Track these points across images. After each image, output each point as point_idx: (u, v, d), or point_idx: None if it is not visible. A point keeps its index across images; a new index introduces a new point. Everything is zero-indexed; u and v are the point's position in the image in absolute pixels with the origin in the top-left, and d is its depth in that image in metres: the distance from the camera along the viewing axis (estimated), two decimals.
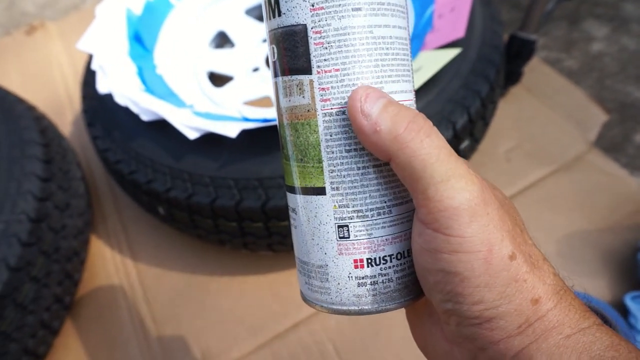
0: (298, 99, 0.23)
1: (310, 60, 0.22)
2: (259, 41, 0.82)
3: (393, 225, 0.24)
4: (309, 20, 0.22)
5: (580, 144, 0.77)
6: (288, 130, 0.24)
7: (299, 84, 0.22)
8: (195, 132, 0.54)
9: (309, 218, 0.24)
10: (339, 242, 0.24)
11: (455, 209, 0.20)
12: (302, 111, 0.23)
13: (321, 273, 0.24)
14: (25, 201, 0.58)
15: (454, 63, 0.59)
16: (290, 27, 0.22)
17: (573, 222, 0.69)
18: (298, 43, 0.22)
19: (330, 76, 0.22)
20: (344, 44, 0.21)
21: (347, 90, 0.22)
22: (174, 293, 0.68)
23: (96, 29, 0.70)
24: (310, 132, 0.23)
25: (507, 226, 0.21)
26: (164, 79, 0.70)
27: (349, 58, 0.22)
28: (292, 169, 0.24)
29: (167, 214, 0.60)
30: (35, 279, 0.57)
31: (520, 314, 0.20)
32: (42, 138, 0.66)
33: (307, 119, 0.23)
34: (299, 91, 0.22)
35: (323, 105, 0.22)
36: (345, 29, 0.21)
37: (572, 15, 1.04)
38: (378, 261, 0.23)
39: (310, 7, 0.21)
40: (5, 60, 1.10)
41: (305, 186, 0.24)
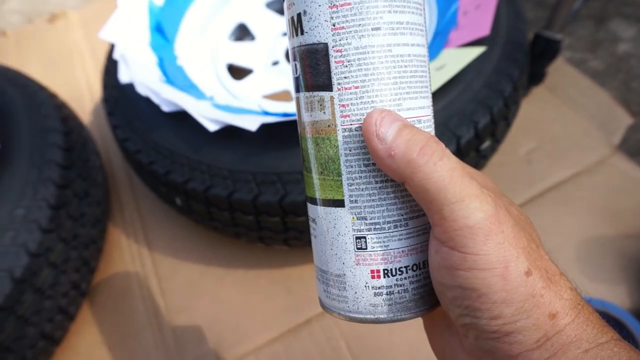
0: (319, 115, 0.23)
1: (331, 77, 0.23)
2: (279, 34, 0.82)
3: (409, 238, 0.24)
4: (330, 39, 0.22)
5: (604, 146, 0.75)
6: (309, 143, 0.25)
7: (320, 100, 0.23)
8: (215, 125, 0.54)
9: (328, 228, 0.25)
10: (356, 253, 0.24)
11: (471, 228, 0.21)
12: (323, 126, 0.23)
13: (339, 282, 0.25)
14: (45, 188, 0.59)
15: (477, 61, 0.58)
16: (313, 45, 0.23)
17: (593, 226, 0.68)
18: (320, 61, 0.23)
19: (350, 93, 0.22)
20: (364, 63, 0.22)
21: (366, 107, 0.23)
22: (188, 284, 0.68)
23: (118, 18, 0.70)
24: (330, 146, 0.24)
25: (522, 243, 0.22)
26: (184, 70, 0.70)
27: (368, 76, 0.22)
28: (313, 181, 0.25)
29: (185, 205, 0.61)
30: (54, 265, 0.58)
31: (538, 329, 0.21)
32: (63, 126, 0.67)
33: (328, 134, 0.23)
34: (320, 107, 0.23)
35: (343, 121, 0.23)
36: (365, 48, 0.22)
37: (599, 15, 1.02)
38: (394, 272, 0.24)
39: (331, 26, 0.22)
40: (27, 48, 1.12)
41: (325, 198, 0.25)
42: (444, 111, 0.56)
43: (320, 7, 0.22)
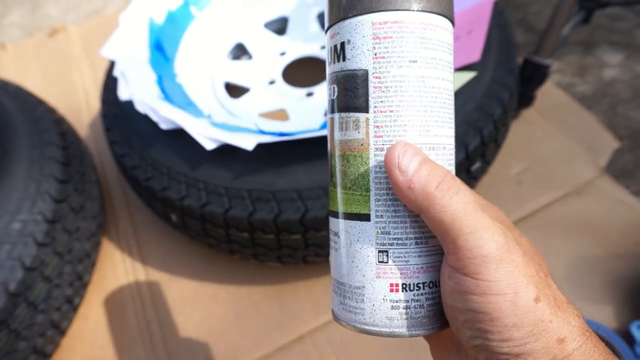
0: (353, 134, 0.25)
1: (368, 100, 0.25)
2: (276, 54, 0.84)
3: (428, 255, 0.26)
4: (370, 67, 0.25)
5: (591, 169, 0.77)
6: (340, 160, 0.26)
7: (356, 120, 0.25)
8: (212, 143, 0.55)
9: (352, 242, 0.26)
10: (377, 266, 0.26)
11: (484, 257, 0.22)
12: (356, 144, 0.25)
13: (357, 294, 0.26)
14: (43, 202, 0.59)
15: (468, 85, 0.60)
16: (354, 70, 0.25)
17: (582, 247, 0.69)
18: (359, 85, 0.25)
19: (385, 116, 0.25)
20: (400, 89, 0.24)
21: (398, 129, 0.25)
22: (181, 299, 0.68)
23: (119, 36, 0.72)
24: (361, 163, 0.25)
25: (531, 272, 0.23)
26: (183, 87, 0.71)
27: (402, 102, 0.25)
28: (340, 196, 0.27)
29: (180, 222, 0.61)
30: (48, 279, 0.58)
31: (547, 352, 0.22)
32: (62, 140, 0.68)
33: (360, 152, 0.25)
34: (355, 127, 0.25)
35: (376, 141, 0.25)
36: (402, 77, 0.24)
37: (587, 41, 1.05)
38: (412, 287, 0.25)
39: (373, 55, 0.25)
40: (26, 62, 1.13)
41: (351, 212, 0.26)
42: None
43: (364, 38, 0.25)
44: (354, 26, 0.25)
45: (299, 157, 0.56)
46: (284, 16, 0.90)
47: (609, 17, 1.09)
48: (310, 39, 0.85)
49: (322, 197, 0.54)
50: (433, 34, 0.25)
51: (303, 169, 0.55)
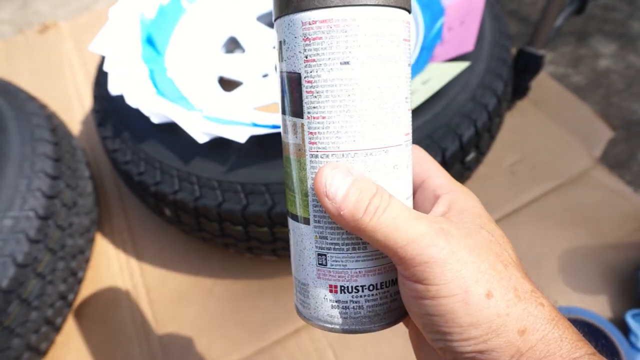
0: (293, 138, 0.25)
1: (302, 105, 0.24)
2: (269, 47, 0.83)
3: (367, 260, 0.26)
4: (302, 70, 0.23)
5: (586, 159, 0.77)
6: (287, 162, 0.26)
7: (294, 124, 0.24)
8: (205, 136, 0.55)
9: (297, 242, 0.27)
10: (317, 268, 0.26)
11: (427, 264, 0.22)
12: (296, 149, 0.25)
13: (304, 290, 0.27)
14: (34, 198, 0.59)
15: (462, 76, 0.60)
16: (289, 73, 0.24)
17: (576, 237, 0.69)
18: (294, 89, 0.24)
19: (318, 122, 0.23)
20: (331, 95, 0.23)
21: (331, 136, 0.24)
22: (176, 294, 0.68)
23: (109, 30, 0.71)
24: (300, 168, 0.25)
25: (482, 267, 0.23)
26: (174, 82, 0.70)
27: (335, 107, 0.23)
28: (288, 197, 0.27)
29: (174, 216, 0.61)
30: (41, 276, 0.58)
31: (510, 345, 0.22)
32: (53, 136, 0.67)
33: (299, 157, 0.25)
34: (294, 131, 0.24)
35: (310, 147, 0.24)
36: (333, 81, 0.23)
37: (580, 32, 1.05)
38: (350, 289, 0.26)
39: (304, 58, 0.23)
40: (17, 58, 1.12)
41: (295, 214, 0.26)
42: (429, 124, 0.57)
43: (296, 39, 0.23)
44: (287, 26, 0.24)
45: None
46: None
47: (603, 8, 1.08)
48: None
49: None
50: (370, 29, 0.22)
51: None
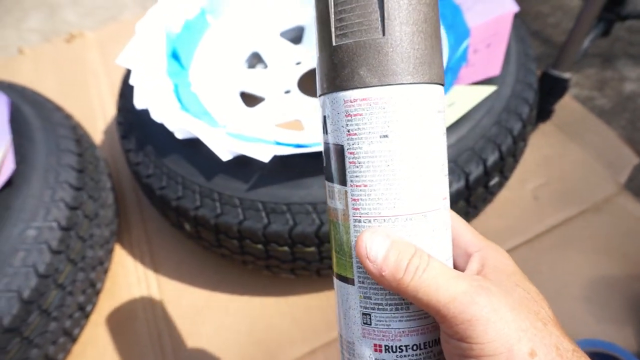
0: (337, 203, 0.27)
1: (345, 174, 0.26)
2: (292, 63, 0.84)
3: (410, 320, 0.26)
4: (345, 143, 0.25)
5: (611, 185, 0.76)
6: (332, 226, 0.28)
7: (338, 191, 0.26)
8: (228, 154, 0.55)
9: (342, 301, 0.28)
10: (362, 327, 0.27)
11: (469, 321, 0.23)
12: (339, 214, 0.27)
13: (350, 348, 0.28)
14: (57, 209, 0.60)
15: (487, 99, 0.59)
16: (334, 145, 0.26)
17: (600, 266, 0.68)
18: (338, 159, 0.26)
19: (360, 190, 0.25)
20: (372, 165, 0.25)
21: (372, 203, 0.25)
22: (193, 309, 0.68)
23: (135, 44, 0.72)
24: (345, 232, 0.26)
25: (524, 324, 0.23)
26: (198, 97, 0.71)
27: (375, 177, 0.25)
28: (334, 258, 0.28)
29: (194, 232, 0.61)
30: (62, 287, 0.58)
31: None
32: (78, 147, 0.68)
33: (344, 221, 0.26)
34: (338, 197, 0.26)
35: (354, 213, 0.26)
36: (373, 152, 0.25)
37: (606, 54, 1.04)
38: (395, 349, 0.26)
39: (347, 132, 0.25)
40: (43, 66, 1.14)
41: (340, 274, 0.28)
42: (453, 147, 0.56)
43: (339, 115, 0.25)
44: (330, 102, 0.26)
45: (314, 169, 0.56)
46: (300, 25, 0.90)
47: (628, 30, 1.07)
48: None
49: None
50: (405, 105, 0.24)
51: (318, 181, 0.55)
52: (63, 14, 1.42)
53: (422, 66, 0.24)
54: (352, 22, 0.24)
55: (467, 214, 0.62)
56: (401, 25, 0.24)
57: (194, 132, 0.57)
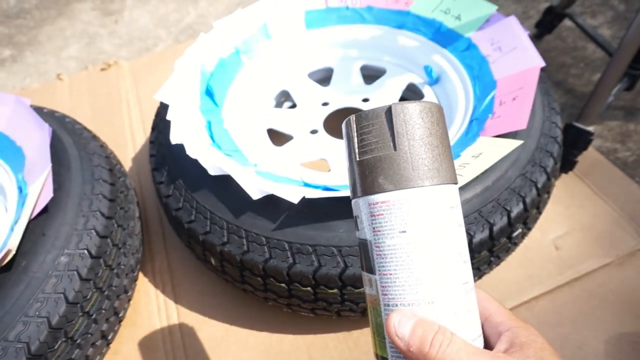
0: (370, 290, 0.30)
1: (374, 265, 0.29)
2: (319, 104, 0.86)
3: None
4: (372, 238, 0.29)
5: (634, 239, 0.76)
6: (370, 310, 0.31)
7: (369, 280, 0.30)
8: (259, 193, 0.57)
9: None
10: None
11: None
12: (373, 299, 0.30)
13: None
14: (89, 237, 0.62)
15: (513, 152, 0.60)
16: (363, 240, 0.30)
17: (624, 322, 0.67)
18: (368, 252, 0.30)
19: (387, 278, 0.29)
20: (394, 256, 0.29)
21: (398, 289, 0.29)
22: (212, 342, 0.68)
23: (174, 81, 0.75)
24: (377, 315, 0.30)
25: None
26: (229, 134, 0.74)
27: (398, 266, 0.29)
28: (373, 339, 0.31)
29: (219, 266, 0.62)
30: (88, 314, 0.59)
31: None
32: (111, 177, 0.70)
33: (376, 306, 0.30)
34: (370, 284, 0.30)
35: (383, 298, 0.29)
36: (395, 246, 0.29)
37: (629, 107, 1.05)
38: None
39: (372, 229, 0.29)
40: (79, 93, 1.19)
41: (377, 353, 0.31)
42: (478, 198, 0.57)
43: (365, 215, 0.30)
44: (359, 205, 0.30)
45: (340, 212, 0.57)
46: (328, 67, 0.93)
47: None
48: (352, 90, 0.88)
49: None
50: (421, 204, 0.28)
51: (344, 224, 0.56)
52: (101, 43, 1.49)
53: (430, 172, 0.29)
54: (370, 142, 0.29)
55: (489, 264, 0.62)
56: (409, 141, 0.28)
57: (227, 169, 0.59)
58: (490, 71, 0.73)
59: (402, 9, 0.87)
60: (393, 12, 0.88)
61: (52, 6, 1.70)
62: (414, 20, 0.86)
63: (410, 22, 0.86)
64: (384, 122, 0.29)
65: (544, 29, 1.16)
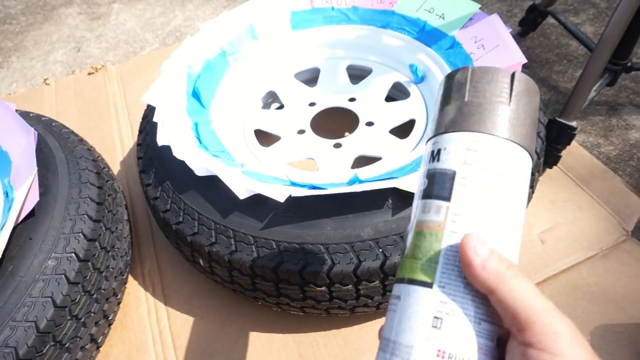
0: (433, 216, 0.31)
1: (451, 193, 0.31)
2: (306, 104, 0.87)
3: (478, 337, 0.28)
4: (458, 169, 0.31)
5: (618, 231, 0.77)
6: (418, 236, 0.31)
7: (439, 206, 0.31)
8: (245, 192, 0.57)
9: (409, 304, 0.29)
10: (430, 330, 0.28)
11: (557, 333, 0.25)
12: (435, 224, 0.31)
13: (405, 352, 0.29)
14: (77, 241, 0.61)
15: None
16: (443, 169, 0.32)
17: (608, 313, 0.68)
18: (446, 181, 0.31)
19: (463, 207, 0.30)
20: (477, 190, 0.30)
21: (471, 220, 0.30)
22: (202, 343, 0.69)
23: (160, 84, 0.75)
24: (434, 240, 0.30)
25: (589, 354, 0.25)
26: (217, 134, 0.74)
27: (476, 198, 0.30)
28: (410, 264, 0.31)
29: (207, 267, 0.63)
30: (76, 318, 0.59)
31: None
32: (98, 180, 0.70)
33: (437, 231, 0.30)
34: (436, 211, 0.31)
35: (452, 225, 0.30)
36: (482, 181, 0.30)
37: (612, 102, 1.06)
38: (457, 358, 0.27)
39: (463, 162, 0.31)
40: (67, 97, 1.18)
41: (416, 279, 0.30)
42: None
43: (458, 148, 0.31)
44: (450, 139, 0.32)
45: (327, 210, 0.57)
46: (314, 67, 0.94)
47: (634, 79, 1.10)
48: (339, 90, 0.88)
49: (349, 252, 0.55)
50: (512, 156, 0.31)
51: (331, 222, 0.57)
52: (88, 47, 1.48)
53: (527, 136, 0.32)
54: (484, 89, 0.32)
55: None
56: (520, 104, 0.31)
57: (213, 170, 0.60)
58: None
59: (387, 9, 0.88)
60: (378, 12, 0.89)
61: (39, 11, 1.69)
62: (399, 19, 0.86)
63: (395, 21, 0.87)
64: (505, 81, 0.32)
65: (528, 26, 1.17)
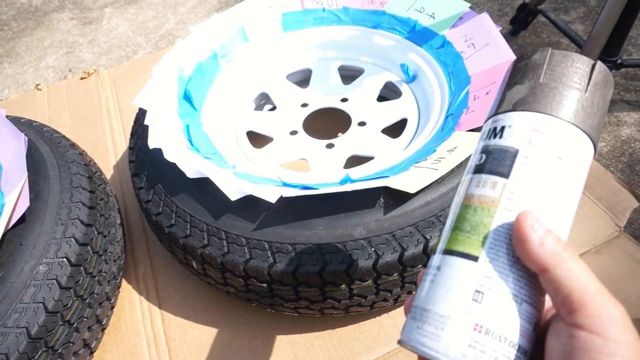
0: (488, 191, 0.30)
1: (511, 170, 0.30)
2: (298, 105, 0.87)
3: (521, 319, 0.27)
4: (522, 148, 0.30)
5: (610, 228, 0.77)
6: (468, 209, 0.31)
7: (494, 182, 0.30)
8: (237, 194, 0.57)
9: (453, 275, 0.29)
10: (470, 303, 0.28)
11: (611, 317, 0.24)
12: (487, 200, 0.30)
13: (440, 322, 0.28)
14: (68, 245, 0.61)
15: None
16: (507, 147, 0.31)
17: None
18: (507, 158, 0.31)
19: (520, 186, 0.30)
20: (539, 172, 0.30)
21: (528, 199, 0.29)
22: (197, 346, 0.68)
23: (151, 87, 0.75)
24: (487, 215, 0.30)
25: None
26: (208, 136, 0.74)
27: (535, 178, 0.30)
28: (455, 237, 0.30)
29: (200, 269, 0.62)
30: (69, 323, 0.59)
31: None
32: (90, 184, 0.70)
33: (489, 207, 0.30)
34: (492, 186, 0.30)
35: (506, 202, 0.29)
36: (542, 162, 0.30)
37: None
38: (494, 335, 0.27)
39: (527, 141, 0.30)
40: (59, 102, 1.18)
41: (462, 251, 0.30)
42: (455, 191, 0.58)
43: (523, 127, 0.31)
44: (520, 117, 0.31)
45: (319, 210, 0.57)
46: (306, 68, 0.94)
47: (624, 76, 1.11)
48: (331, 91, 0.88)
49: (341, 252, 0.55)
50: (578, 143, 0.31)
51: (323, 222, 0.57)
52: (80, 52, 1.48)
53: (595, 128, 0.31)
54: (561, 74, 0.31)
55: None
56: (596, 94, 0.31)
57: (205, 172, 0.60)
58: (464, 67, 0.74)
59: (377, 9, 0.88)
60: (369, 12, 0.89)
61: (30, 17, 1.69)
62: (390, 19, 0.87)
63: (385, 21, 0.87)
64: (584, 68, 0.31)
65: (519, 25, 1.18)
